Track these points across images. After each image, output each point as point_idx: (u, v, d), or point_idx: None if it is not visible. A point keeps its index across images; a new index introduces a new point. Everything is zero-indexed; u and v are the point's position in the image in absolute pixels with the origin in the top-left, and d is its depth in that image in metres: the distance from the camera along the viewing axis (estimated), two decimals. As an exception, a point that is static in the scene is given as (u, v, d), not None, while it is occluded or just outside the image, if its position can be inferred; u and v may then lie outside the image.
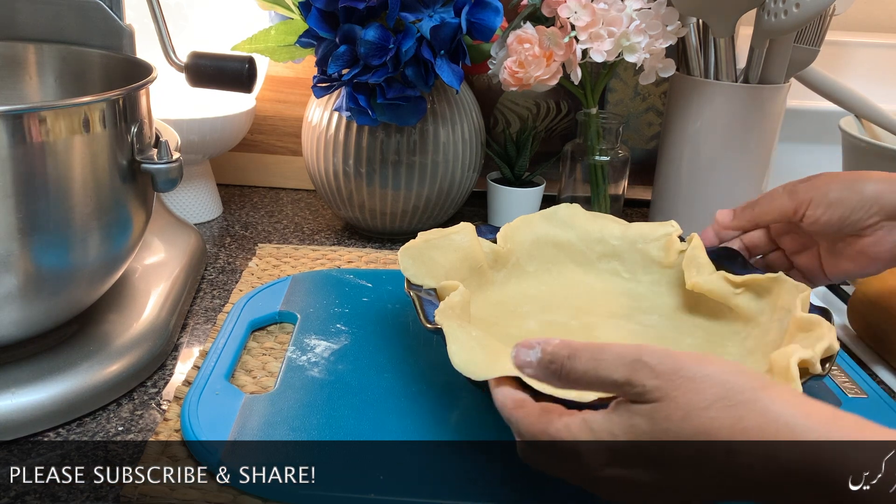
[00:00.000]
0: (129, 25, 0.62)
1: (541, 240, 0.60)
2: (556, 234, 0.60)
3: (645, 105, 0.89)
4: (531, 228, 0.60)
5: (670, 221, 0.60)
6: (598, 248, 0.60)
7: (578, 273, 0.60)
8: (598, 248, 0.60)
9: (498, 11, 0.64)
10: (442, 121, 0.72)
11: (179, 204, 0.80)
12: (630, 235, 0.60)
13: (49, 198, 0.44)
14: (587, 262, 0.60)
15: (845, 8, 0.73)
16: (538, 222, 0.60)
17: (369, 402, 0.49)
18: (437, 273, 0.51)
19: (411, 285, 0.50)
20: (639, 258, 0.60)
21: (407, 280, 0.51)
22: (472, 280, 0.55)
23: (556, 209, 0.61)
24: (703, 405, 0.31)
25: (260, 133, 0.91)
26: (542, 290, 0.58)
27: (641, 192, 0.91)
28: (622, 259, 0.60)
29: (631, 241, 0.60)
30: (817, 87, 0.77)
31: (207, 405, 0.47)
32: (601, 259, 0.61)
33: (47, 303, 0.47)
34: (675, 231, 0.59)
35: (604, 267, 0.60)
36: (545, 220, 0.60)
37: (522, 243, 0.59)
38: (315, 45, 0.66)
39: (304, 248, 0.75)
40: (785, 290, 0.52)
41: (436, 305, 0.47)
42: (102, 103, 0.46)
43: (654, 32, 0.66)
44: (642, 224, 0.61)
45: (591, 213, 0.61)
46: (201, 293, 0.65)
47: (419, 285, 0.51)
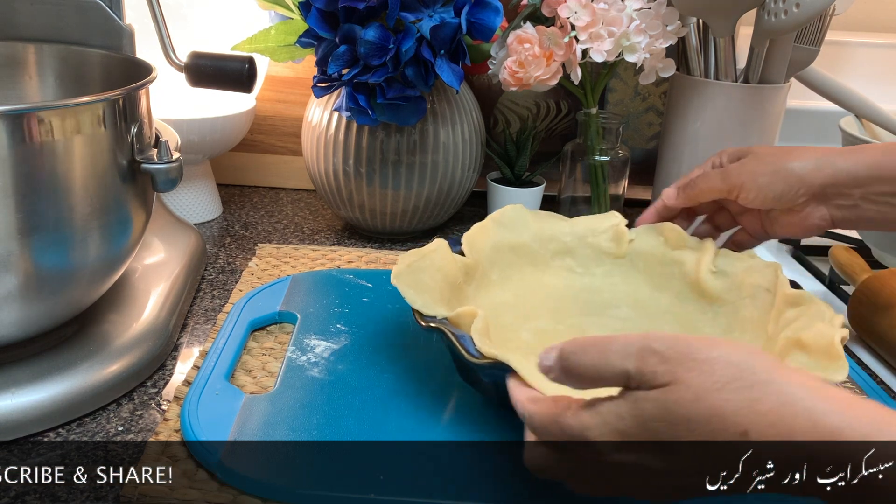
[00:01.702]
0: (129, 25, 0.62)
1: (498, 245, 0.58)
2: (511, 237, 0.59)
3: (645, 105, 0.89)
4: (488, 235, 0.58)
5: (613, 212, 0.61)
6: (551, 247, 0.60)
7: (536, 274, 0.60)
8: (552, 246, 0.60)
9: (498, 11, 0.64)
10: (442, 121, 0.72)
11: (179, 204, 0.80)
12: (579, 231, 0.61)
13: (49, 198, 0.44)
14: (542, 262, 0.60)
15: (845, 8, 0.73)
16: (492, 228, 0.59)
17: (369, 402, 0.49)
18: (433, 297, 0.49)
19: (425, 317, 0.47)
20: (590, 252, 0.60)
21: (417, 312, 0.47)
22: (454, 297, 0.53)
23: (503, 212, 0.60)
24: (716, 387, 0.31)
25: (260, 133, 0.91)
26: (511, 298, 0.57)
27: (641, 192, 0.91)
28: (574, 255, 0.60)
29: (580, 235, 0.60)
30: (817, 87, 0.77)
31: (207, 405, 0.47)
32: (554, 257, 0.60)
33: (47, 303, 0.47)
34: (620, 221, 0.60)
35: (557, 265, 0.60)
36: (498, 225, 0.59)
37: (483, 251, 0.57)
38: (315, 45, 0.66)
39: (304, 248, 0.75)
40: (755, 269, 0.54)
41: (464, 335, 0.44)
42: (102, 103, 0.46)
43: (654, 32, 0.66)
44: (586, 218, 0.61)
45: (534, 213, 0.61)
46: (201, 293, 0.65)
47: (432, 315, 0.47)
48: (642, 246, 0.59)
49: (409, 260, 0.51)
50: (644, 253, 0.59)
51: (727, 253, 0.57)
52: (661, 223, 0.59)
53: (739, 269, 0.55)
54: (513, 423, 0.47)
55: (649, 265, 0.59)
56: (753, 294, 0.53)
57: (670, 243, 0.58)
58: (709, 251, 0.56)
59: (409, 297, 0.48)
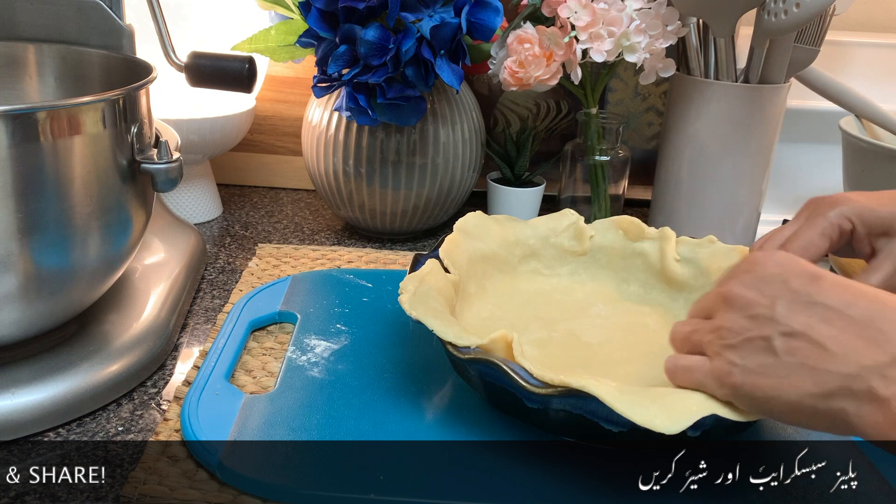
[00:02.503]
0: (129, 25, 0.62)
1: (473, 257, 0.57)
2: (483, 247, 0.58)
3: (645, 105, 0.89)
4: (461, 248, 0.57)
5: (568, 210, 0.61)
6: (517, 252, 0.60)
7: (507, 281, 0.59)
8: (518, 250, 0.60)
9: (498, 11, 0.64)
10: (442, 121, 0.72)
11: (179, 204, 0.80)
12: (541, 232, 0.61)
13: (49, 198, 0.44)
14: (510, 268, 0.60)
15: (845, 8, 0.72)
16: (463, 240, 0.57)
17: (369, 402, 0.49)
18: (450, 321, 0.46)
19: (460, 348, 0.43)
20: (554, 252, 0.61)
21: (451, 345, 0.43)
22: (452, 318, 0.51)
23: (466, 221, 0.59)
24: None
25: (260, 133, 0.91)
26: (493, 309, 0.57)
27: (641, 192, 0.91)
28: (539, 257, 0.61)
29: (543, 237, 0.61)
30: (817, 87, 0.77)
31: (207, 405, 0.47)
32: (521, 262, 0.60)
33: (47, 303, 0.47)
34: (578, 219, 0.61)
35: (525, 269, 0.60)
36: (467, 236, 0.58)
37: (462, 265, 0.56)
38: (315, 45, 0.66)
39: (304, 248, 0.75)
40: (719, 253, 0.55)
41: (514, 365, 0.41)
42: (102, 103, 0.46)
43: (654, 32, 0.66)
44: (544, 218, 0.62)
45: (494, 218, 0.61)
46: (201, 293, 0.65)
47: (466, 346, 0.43)
48: (603, 241, 0.60)
49: (411, 286, 0.48)
50: (605, 248, 0.60)
51: (686, 240, 0.58)
52: (618, 216, 0.61)
53: (703, 254, 0.56)
54: (513, 424, 0.47)
55: (612, 260, 0.60)
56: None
57: (630, 235, 0.60)
58: (670, 240, 0.58)
59: (438, 328, 0.44)
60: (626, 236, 0.60)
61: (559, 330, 0.55)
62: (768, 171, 0.74)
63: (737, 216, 0.74)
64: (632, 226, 0.59)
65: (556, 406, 0.41)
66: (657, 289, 0.59)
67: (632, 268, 0.60)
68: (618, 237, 0.60)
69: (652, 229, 0.59)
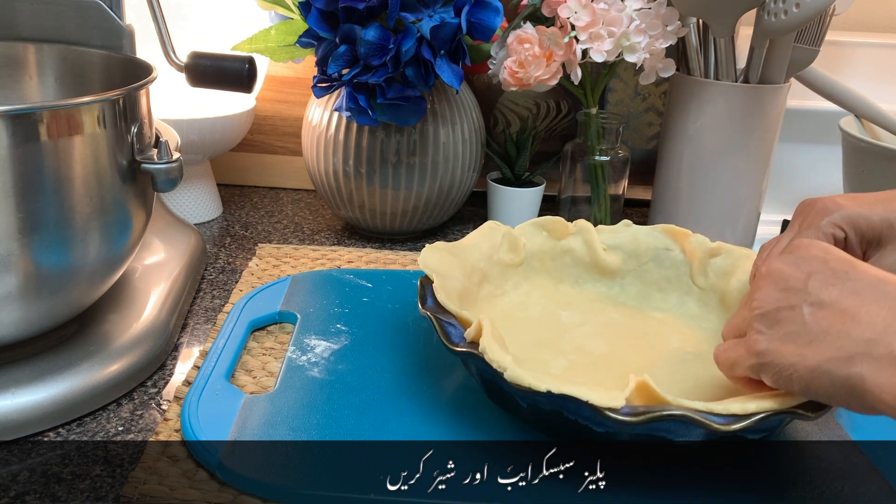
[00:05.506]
0: (129, 25, 0.62)
1: (450, 296, 0.52)
2: (455, 284, 0.53)
3: (645, 105, 0.89)
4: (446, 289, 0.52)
5: (492, 222, 0.60)
6: (475, 278, 0.56)
7: (474, 311, 0.54)
8: (476, 277, 0.56)
9: (498, 11, 0.64)
10: (442, 121, 0.72)
11: (179, 204, 0.80)
12: (485, 251, 0.58)
13: (49, 198, 0.44)
14: (473, 298, 0.55)
15: (845, 8, 0.72)
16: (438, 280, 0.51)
17: (369, 402, 0.49)
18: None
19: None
20: (498, 270, 0.58)
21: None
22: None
23: (427, 259, 0.53)
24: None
25: (260, 133, 0.91)
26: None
27: (641, 192, 0.91)
28: (489, 278, 0.58)
29: (488, 256, 0.58)
30: (817, 87, 0.77)
31: (207, 405, 0.47)
32: (479, 287, 0.57)
33: (47, 303, 0.47)
34: (507, 229, 0.59)
35: (483, 294, 0.57)
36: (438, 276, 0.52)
37: (450, 305, 0.52)
38: (315, 45, 0.66)
39: (304, 248, 0.75)
40: (639, 234, 0.58)
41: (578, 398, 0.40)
42: (102, 103, 0.46)
43: (654, 32, 0.66)
44: (476, 236, 0.58)
45: (443, 249, 0.55)
46: (201, 293, 0.65)
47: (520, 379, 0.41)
48: (532, 246, 0.60)
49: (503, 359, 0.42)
50: (536, 252, 0.60)
51: (602, 229, 0.59)
52: (541, 217, 0.61)
53: (624, 239, 0.58)
54: (513, 424, 0.47)
55: (544, 262, 0.61)
56: (655, 257, 0.58)
57: (555, 235, 0.60)
58: (591, 231, 0.59)
59: (498, 356, 0.41)
60: (550, 237, 0.61)
61: (555, 350, 0.53)
62: (768, 170, 0.74)
63: (737, 216, 0.74)
64: (555, 224, 0.60)
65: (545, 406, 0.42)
66: (590, 281, 0.60)
67: (563, 266, 0.61)
68: (544, 239, 0.61)
69: (571, 224, 0.60)
